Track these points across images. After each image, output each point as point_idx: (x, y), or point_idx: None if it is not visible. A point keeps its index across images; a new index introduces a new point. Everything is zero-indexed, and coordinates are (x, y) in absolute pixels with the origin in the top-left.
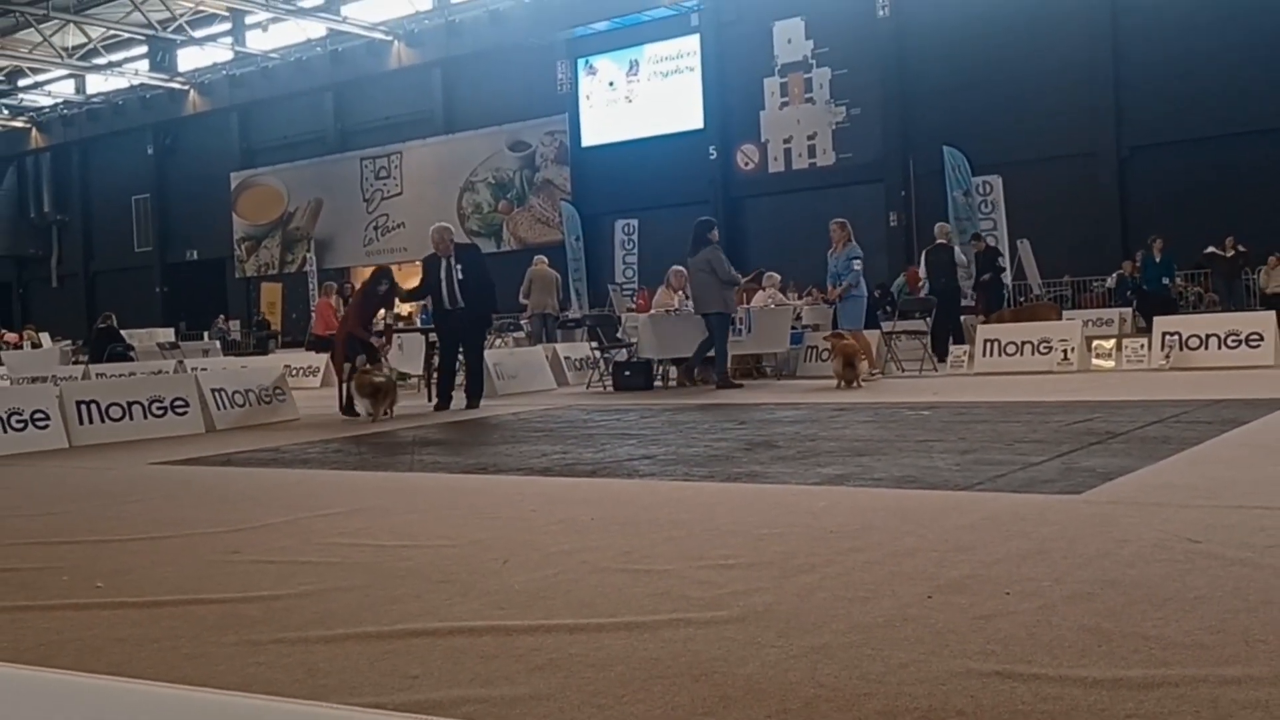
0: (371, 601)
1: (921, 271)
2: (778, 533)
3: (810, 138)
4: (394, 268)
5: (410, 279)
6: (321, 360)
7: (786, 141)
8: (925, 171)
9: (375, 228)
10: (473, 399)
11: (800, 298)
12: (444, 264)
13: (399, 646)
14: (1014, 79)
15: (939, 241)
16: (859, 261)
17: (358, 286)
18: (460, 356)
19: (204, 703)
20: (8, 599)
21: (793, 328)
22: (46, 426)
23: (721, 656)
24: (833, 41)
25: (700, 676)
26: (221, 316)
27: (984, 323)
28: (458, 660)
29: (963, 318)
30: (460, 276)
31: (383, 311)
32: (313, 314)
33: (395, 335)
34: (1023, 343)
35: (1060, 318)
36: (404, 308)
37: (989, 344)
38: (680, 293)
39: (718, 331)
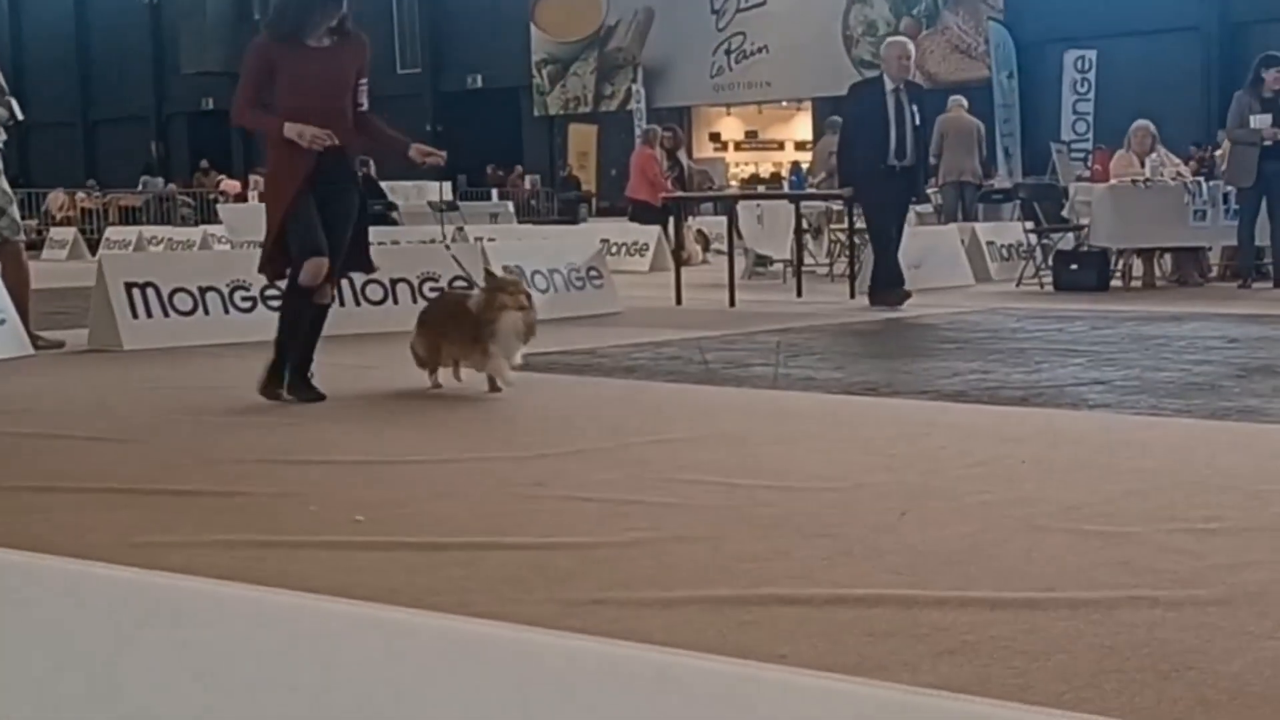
0: (723, 557)
1: None
2: None
3: None
4: (755, 109)
5: (775, 125)
6: (650, 235)
7: None
8: None
9: (728, 52)
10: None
11: None
12: (893, 99)
13: (760, 616)
14: None
15: None
16: None
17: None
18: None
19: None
20: (239, 531)
21: None
22: None
23: (1199, 649)
24: None
25: (1169, 673)
26: (489, 168)
27: None
28: (838, 638)
29: None
30: (917, 121)
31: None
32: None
33: (750, 205)
34: None
35: None
36: (770, 165)
37: None
38: (1152, 156)
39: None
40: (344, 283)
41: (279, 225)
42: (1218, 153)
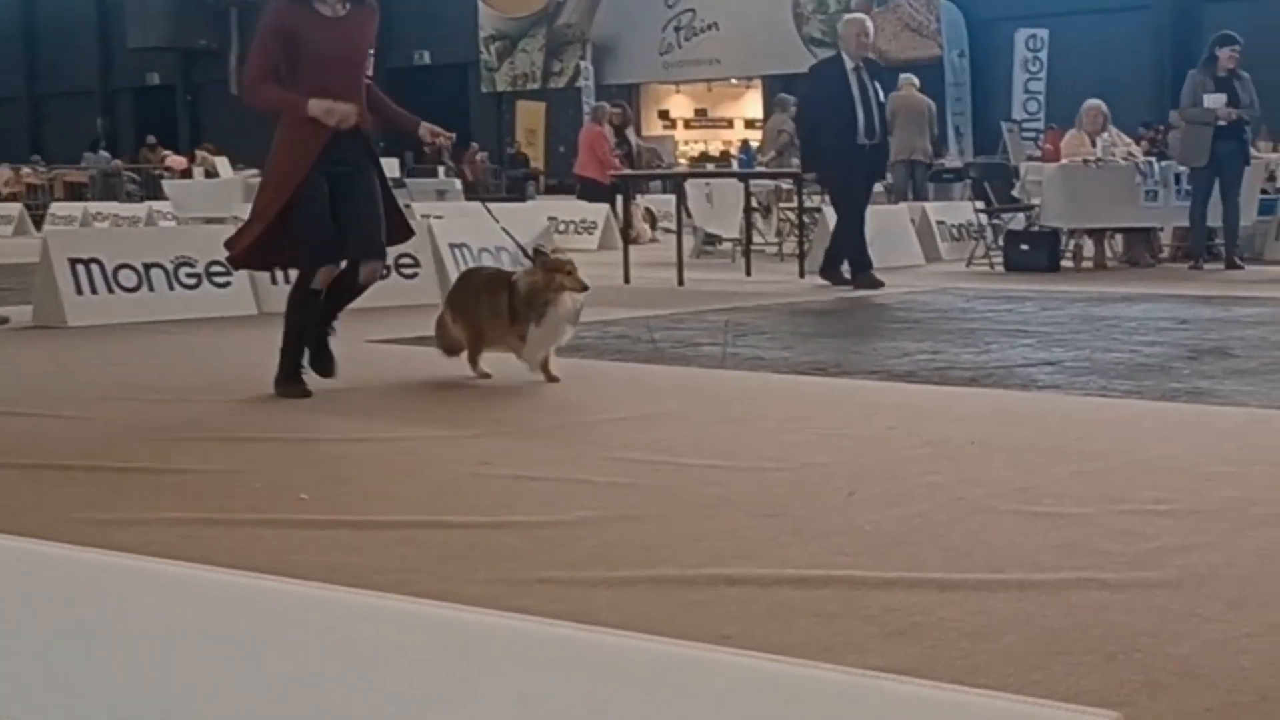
0: (670, 537)
1: None
2: (1230, 471)
3: None
4: (705, 87)
5: (725, 103)
6: (599, 213)
7: None
8: None
9: (677, 29)
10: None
11: (1275, 149)
12: (855, 77)
13: (707, 596)
14: None
15: None
16: None
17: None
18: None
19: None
20: (182, 509)
21: (1263, 192)
22: (228, 285)
23: (1147, 631)
24: None
25: (1117, 655)
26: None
27: None
28: (786, 618)
29: None
30: (881, 99)
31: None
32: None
33: (699, 183)
34: None
35: None
36: (720, 143)
37: None
38: (1104, 136)
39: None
40: None
41: (276, 215)
42: (1175, 133)
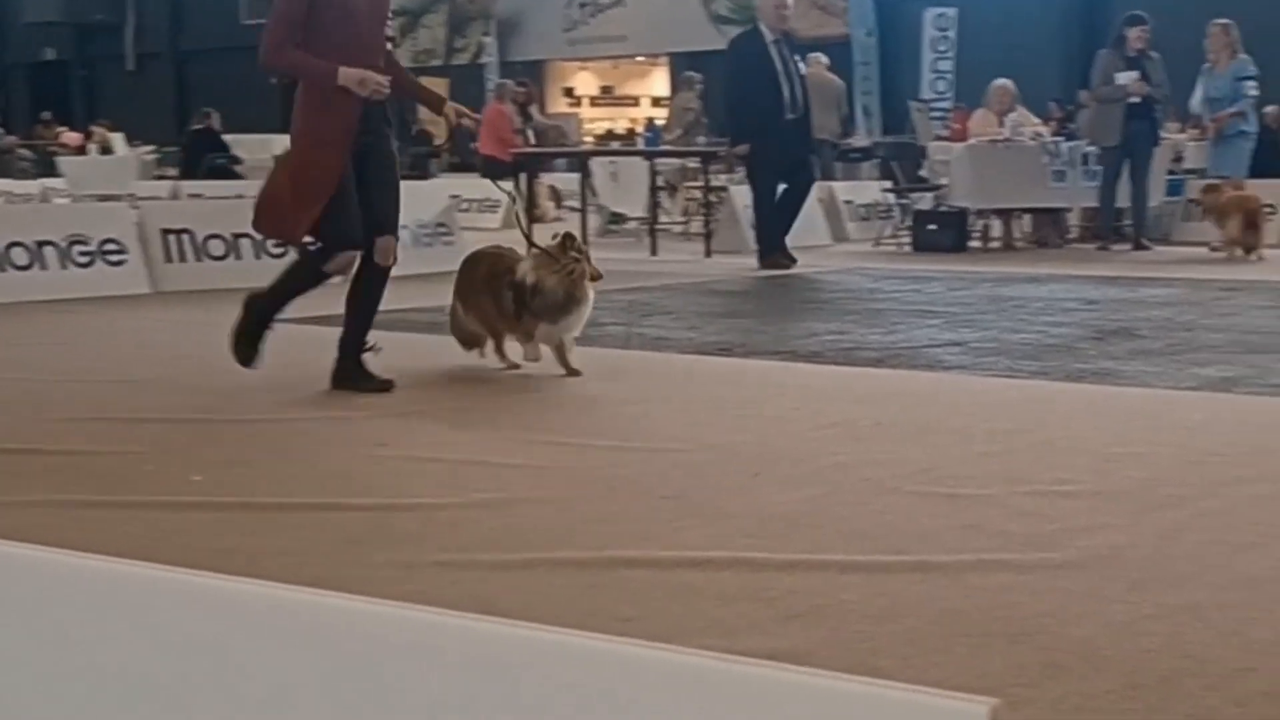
0: (571, 519)
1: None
2: (1135, 452)
3: None
4: (610, 64)
5: (631, 81)
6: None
7: None
8: None
9: (582, 5)
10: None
11: (1183, 130)
12: (775, 50)
13: (607, 579)
14: None
15: None
16: (1253, 84)
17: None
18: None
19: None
20: (70, 491)
21: (1170, 173)
22: (122, 263)
23: (1049, 612)
24: None
25: (1019, 637)
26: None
27: None
28: (687, 601)
29: None
30: (803, 71)
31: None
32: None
33: (604, 161)
34: None
35: None
36: (626, 121)
37: None
38: (1012, 116)
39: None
40: (184, 237)
41: (318, 192)
42: (1084, 113)
